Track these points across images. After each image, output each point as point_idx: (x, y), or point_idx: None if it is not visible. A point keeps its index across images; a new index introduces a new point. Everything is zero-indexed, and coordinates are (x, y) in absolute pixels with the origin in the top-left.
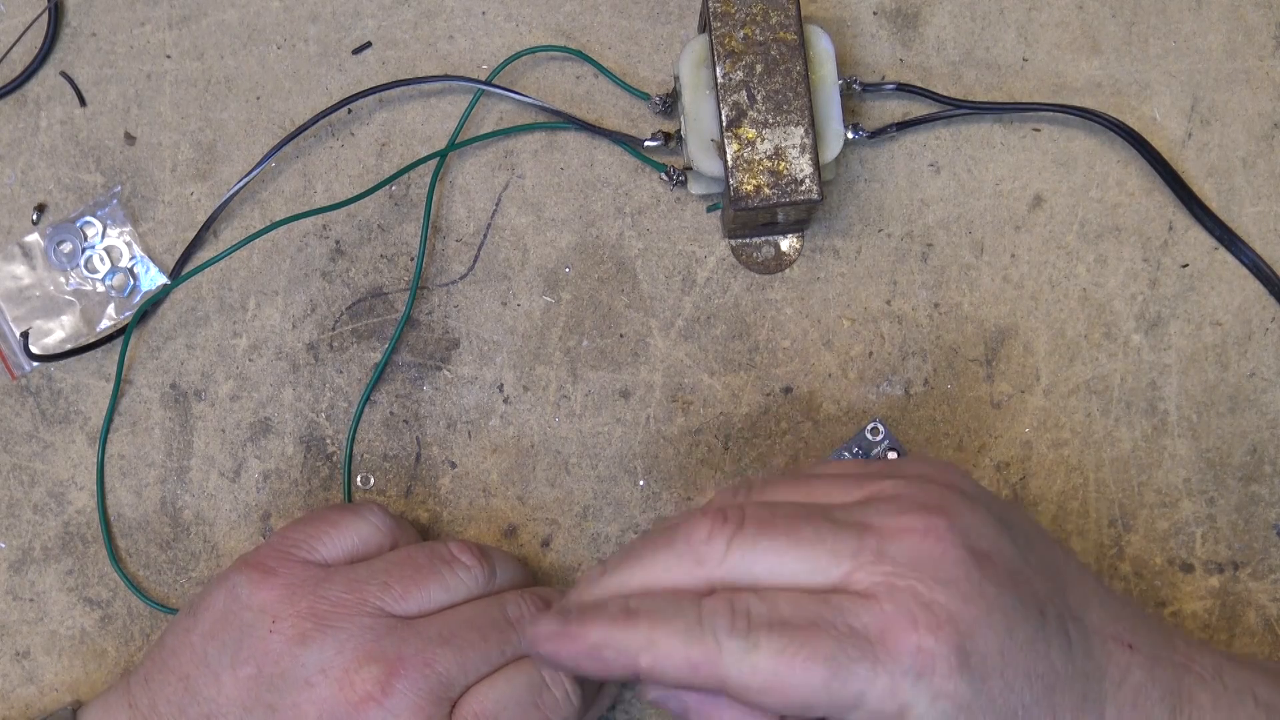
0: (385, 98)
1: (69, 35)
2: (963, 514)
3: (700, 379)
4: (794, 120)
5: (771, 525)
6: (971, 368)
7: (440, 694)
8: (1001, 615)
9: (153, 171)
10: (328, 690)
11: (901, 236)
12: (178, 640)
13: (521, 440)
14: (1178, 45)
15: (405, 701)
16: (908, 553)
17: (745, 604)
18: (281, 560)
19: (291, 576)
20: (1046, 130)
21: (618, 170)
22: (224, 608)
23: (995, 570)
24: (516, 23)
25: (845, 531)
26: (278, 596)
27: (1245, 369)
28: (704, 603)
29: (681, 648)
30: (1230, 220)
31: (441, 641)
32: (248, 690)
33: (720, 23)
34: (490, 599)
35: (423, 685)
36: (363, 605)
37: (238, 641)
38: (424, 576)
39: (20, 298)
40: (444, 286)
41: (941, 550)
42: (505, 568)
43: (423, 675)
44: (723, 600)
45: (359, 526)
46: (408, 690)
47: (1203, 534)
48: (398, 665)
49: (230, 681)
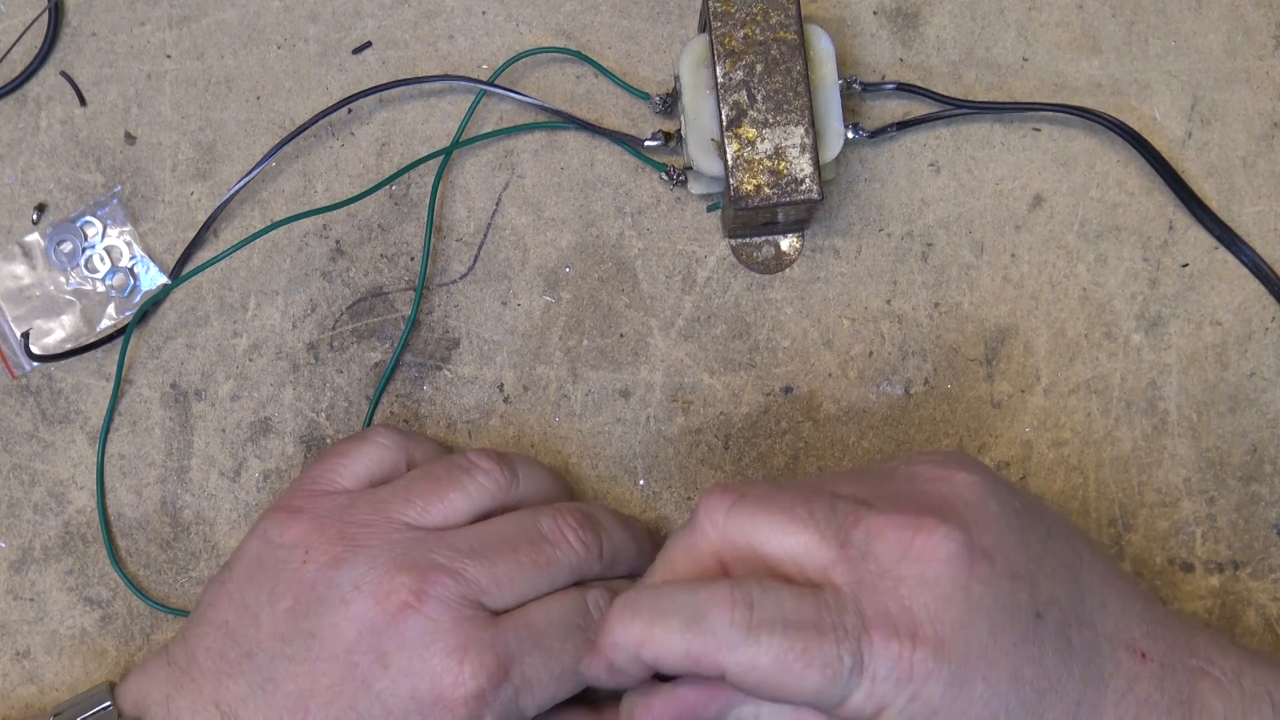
0: (385, 98)
1: (69, 35)
2: (967, 510)
3: (700, 379)
4: (794, 120)
5: (768, 502)
6: (971, 367)
7: (475, 599)
8: (985, 616)
9: (153, 171)
10: (363, 605)
11: (901, 236)
12: (213, 594)
13: (521, 440)
14: (1178, 45)
15: (441, 606)
16: (893, 549)
17: (748, 594)
18: (305, 497)
19: (317, 509)
20: (1046, 130)
21: (618, 170)
22: (256, 553)
23: (989, 570)
24: (516, 22)
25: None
26: (306, 529)
27: (1245, 369)
28: (703, 592)
29: (680, 639)
30: (1230, 220)
31: (471, 552)
32: (286, 622)
33: (720, 22)
34: (523, 513)
35: (456, 590)
36: (389, 522)
37: (274, 579)
38: (443, 487)
39: (20, 298)
40: (444, 286)
41: (929, 547)
42: (530, 474)
43: (455, 581)
44: (723, 591)
45: (370, 451)
46: (443, 595)
47: (1203, 534)
48: (429, 572)
49: (269, 618)
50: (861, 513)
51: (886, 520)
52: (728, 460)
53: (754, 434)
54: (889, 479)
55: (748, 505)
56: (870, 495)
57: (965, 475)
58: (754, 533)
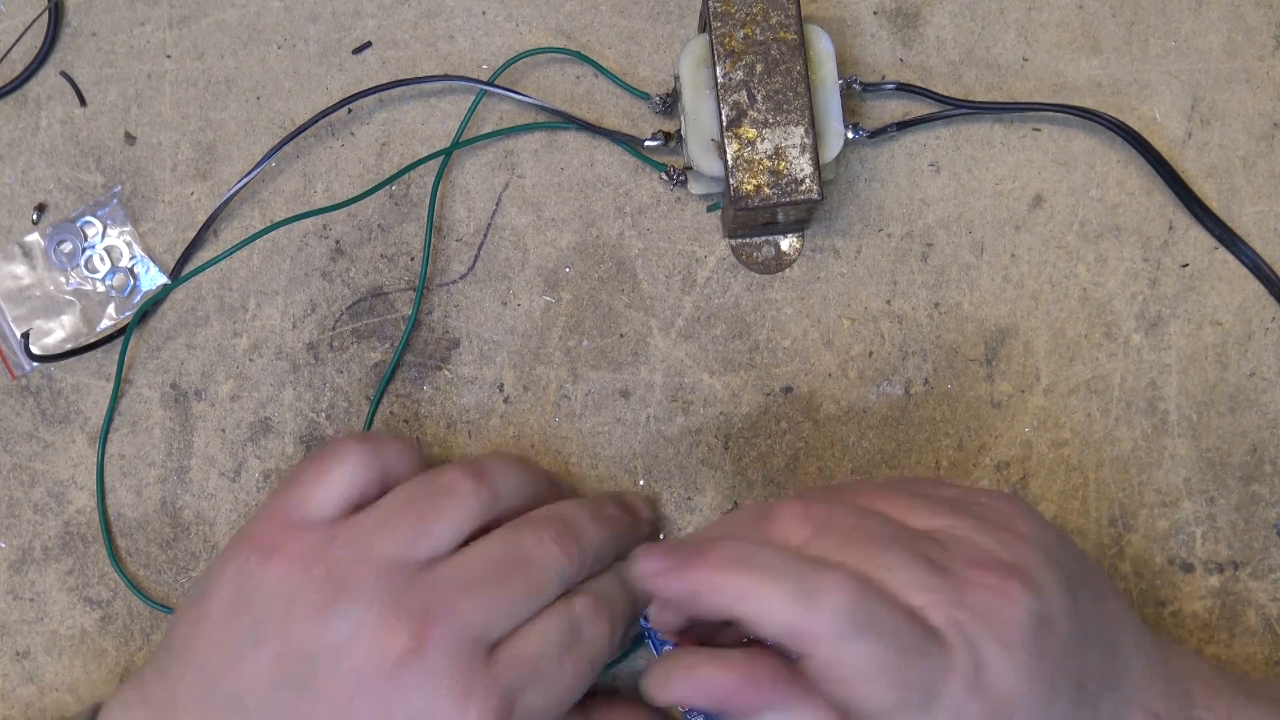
0: (385, 98)
1: (69, 35)
2: (1037, 574)
3: (700, 379)
4: (794, 120)
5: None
6: (971, 368)
7: (475, 639)
8: (1045, 690)
9: (153, 171)
10: (362, 655)
11: (901, 236)
12: (190, 630)
13: (521, 440)
14: (1178, 45)
15: (442, 652)
16: (981, 606)
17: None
18: (282, 530)
19: (297, 545)
20: (1046, 130)
21: (618, 170)
22: (235, 591)
23: (1052, 641)
24: (516, 22)
25: (923, 563)
26: (289, 569)
27: (1245, 369)
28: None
29: (787, 609)
30: (1230, 220)
31: (464, 588)
32: (275, 668)
33: (720, 23)
34: (507, 534)
35: (456, 633)
36: (376, 560)
37: (258, 622)
38: (427, 517)
39: (20, 298)
40: (444, 286)
41: (1011, 614)
42: (508, 480)
43: (454, 624)
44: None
45: (342, 472)
46: (443, 640)
47: (1203, 534)
48: (427, 618)
49: (253, 663)
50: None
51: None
52: (728, 460)
53: (754, 434)
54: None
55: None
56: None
57: (1033, 531)
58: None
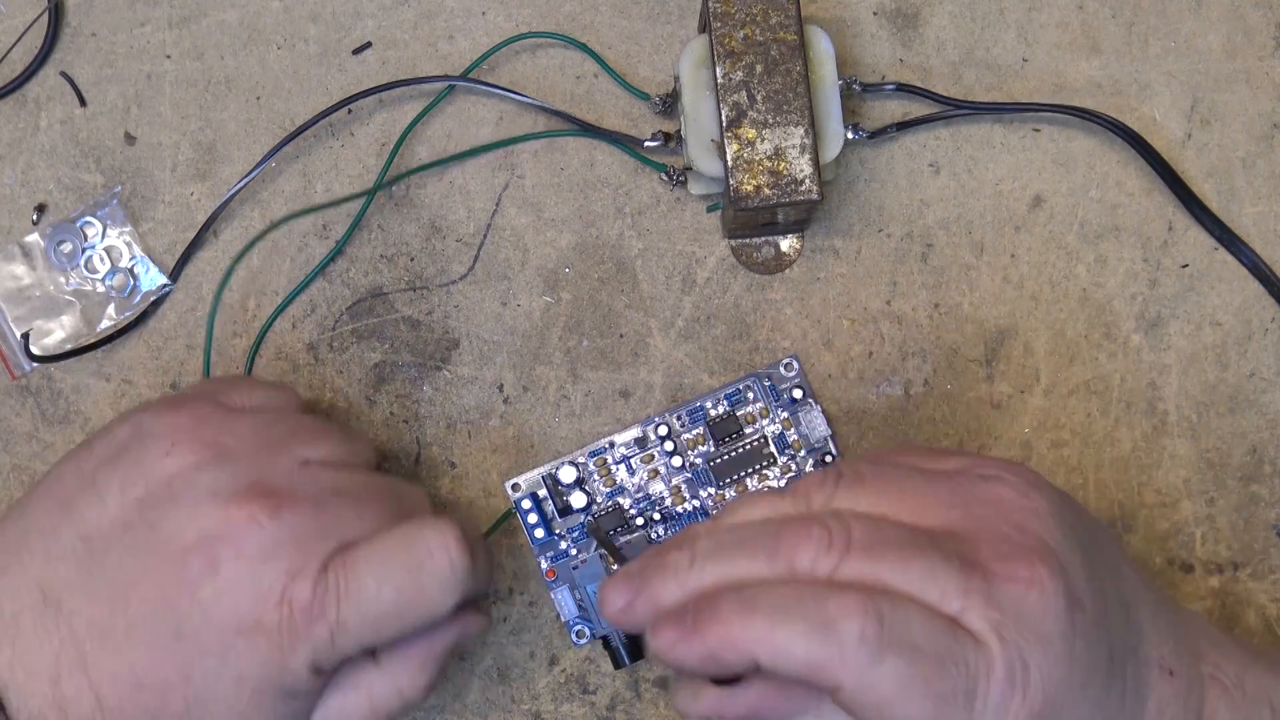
0: (385, 98)
1: (69, 35)
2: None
3: (700, 379)
4: (794, 120)
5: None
6: (971, 368)
7: (323, 535)
8: (1081, 673)
9: (153, 171)
10: (213, 510)
11: (901, 236)
12: (63, 468)
13: (521, 440)
14: (1178, 45)
15: (288, 530)
16: (1015, 602)
17: (880, 608)
18: (192, 398)
19: (200, 410)
20: (1046, 130)
21: (618, 170)
22: (123, 437)
23: (1084, 622)
24: (516, 23)
25: (953, 567)
26: (182, 423)
27: (1245, 369)
28: (833, 600)
29: (803, 646)
30: (1230, 220)
31: (336, 492)
32: (133, 509)
33: (720, 23)
34: (391, 480)
35: (310, 522)
36: (266, 444)
37: (132, 464)
38: (328, 429)
39: (20, 298)
40: (444, 286)
41: (1045, 605)
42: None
43: (312, 513)
44: (856, 601)
45: (270, 392)
46: (293, 521)
47: (1203, 534)
48: (289, 498)
49: (115, 502)
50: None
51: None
52: None
53: None
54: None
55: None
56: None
57: (1048, 505)
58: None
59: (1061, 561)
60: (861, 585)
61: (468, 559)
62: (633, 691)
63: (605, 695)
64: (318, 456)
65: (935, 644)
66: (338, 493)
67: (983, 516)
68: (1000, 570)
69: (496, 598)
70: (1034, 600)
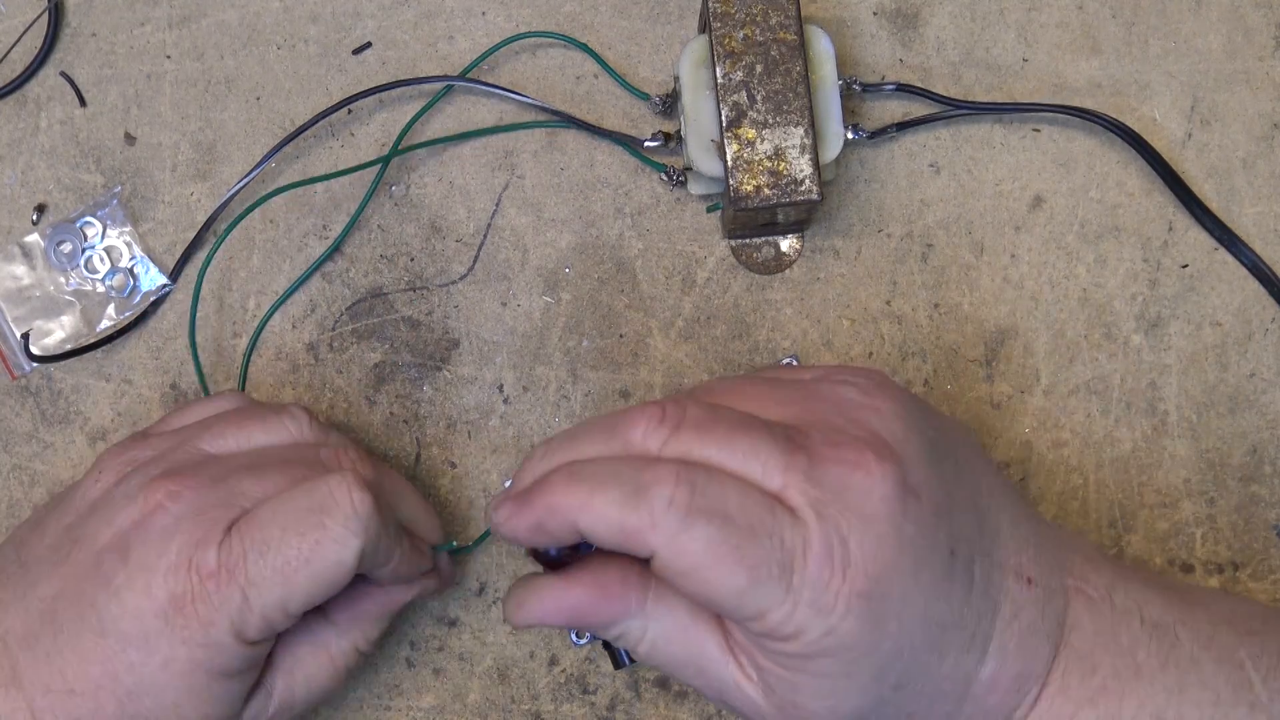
0: (385, 98)
1: (69, 35)
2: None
3: (700, 379)
4: (794, 120)
5: (710, 429)
6: (971, 368)
7: (225, 504)
8: (912, 558)
9: (153, 171)
10: (125, 509)
11: (901, 237)
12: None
13: (521, 440)
14: (1178, 45)
15: (189, 506)
16: (836, 481)
17: (693, 478)
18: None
19: (131, 438)
20: (1046, 130)
21: (618, 170)
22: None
23: (919, 509)
24: (516, 23)
25: (780, 445)
26: (112, 452)
27: (1245, 369)
28: (649, 470)
29: (617, 511)
30: (1230, 220)
31: (244, 468)
32: (63, 532)
33: (720, 23)
34: (306, 444)
35: (211, 495)
36: (180, 445)
37: (68, 498)
38: (246, 418)
39: (20, 298)
40: (444, 286)
41: (869, 486)
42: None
43: (214, 488)
44: (669, 470)
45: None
46: (193, 497)
47: (1203, 534)
48: (191, 478)
49: (52, 532)
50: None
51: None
52: None
53: None
54: (813, 399)
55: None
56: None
57: (891, 405)
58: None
59: (895, 450)
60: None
61: (369, 497)
62: (633, 691)
63: (605, 695)
64: (231, 446)
65: (749, 515)
66: (247, 467)
67: (821, 410)
68: (827, 454)
69: (497, 597)
70: (858, 480)
